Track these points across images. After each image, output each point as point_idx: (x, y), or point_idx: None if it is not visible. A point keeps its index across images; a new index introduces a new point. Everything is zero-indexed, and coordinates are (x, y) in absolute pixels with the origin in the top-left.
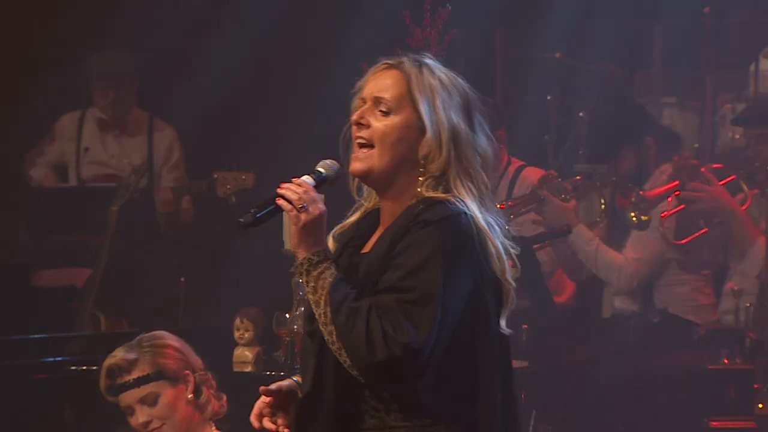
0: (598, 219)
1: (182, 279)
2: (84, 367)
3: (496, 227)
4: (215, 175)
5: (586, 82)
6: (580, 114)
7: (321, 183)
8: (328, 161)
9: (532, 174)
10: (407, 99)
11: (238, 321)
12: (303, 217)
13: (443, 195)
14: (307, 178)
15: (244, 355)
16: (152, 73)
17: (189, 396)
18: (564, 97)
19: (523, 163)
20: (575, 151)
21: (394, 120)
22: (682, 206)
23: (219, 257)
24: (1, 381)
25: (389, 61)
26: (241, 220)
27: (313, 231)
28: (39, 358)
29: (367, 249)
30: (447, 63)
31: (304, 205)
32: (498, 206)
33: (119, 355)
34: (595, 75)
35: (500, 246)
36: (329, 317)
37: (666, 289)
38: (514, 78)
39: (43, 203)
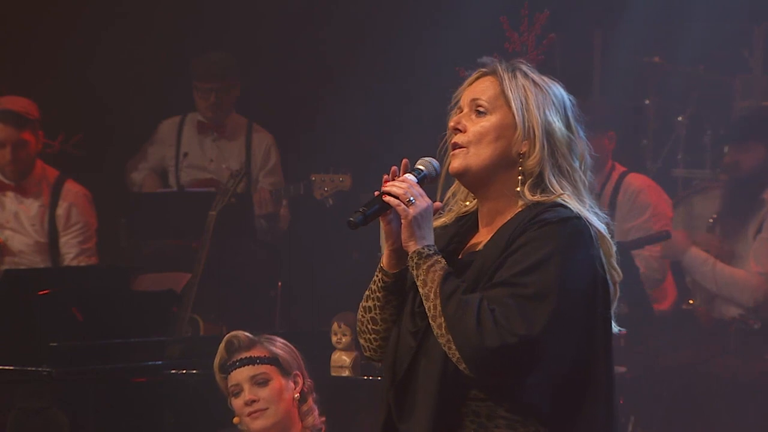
0: (710, 221)
1: (279, 283)
2: (183, 371)
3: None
4: (312, 177)
5: (685, 86)
6: (679, 118)
7: (422, 180)
8: (426, 159)
9: (636, 180)
10: (501, 99)
11: (335, 325)
12: (411, 210)
13: (553, 197)
14: (408, 176)
15: (342, 360)
16: (250, 76)
17: (296, 395)
18: (662, 101)
19: (625, 168)
20: (674, 156)
21: (490, 119)
22: None
23: (316, 261)
24: (101, 384)
25: (483, 69)
26: (351, 219)
27: (422, 224)
28: (139, 361)
29: (469, 250)
30: (544, 67)
31: (411, 198)
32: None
33: (240, 333)
34: (693, 79)
35: (615, 247)
36: (438, 309)
37: None
38: (612, 82)
39: (143, 208)
